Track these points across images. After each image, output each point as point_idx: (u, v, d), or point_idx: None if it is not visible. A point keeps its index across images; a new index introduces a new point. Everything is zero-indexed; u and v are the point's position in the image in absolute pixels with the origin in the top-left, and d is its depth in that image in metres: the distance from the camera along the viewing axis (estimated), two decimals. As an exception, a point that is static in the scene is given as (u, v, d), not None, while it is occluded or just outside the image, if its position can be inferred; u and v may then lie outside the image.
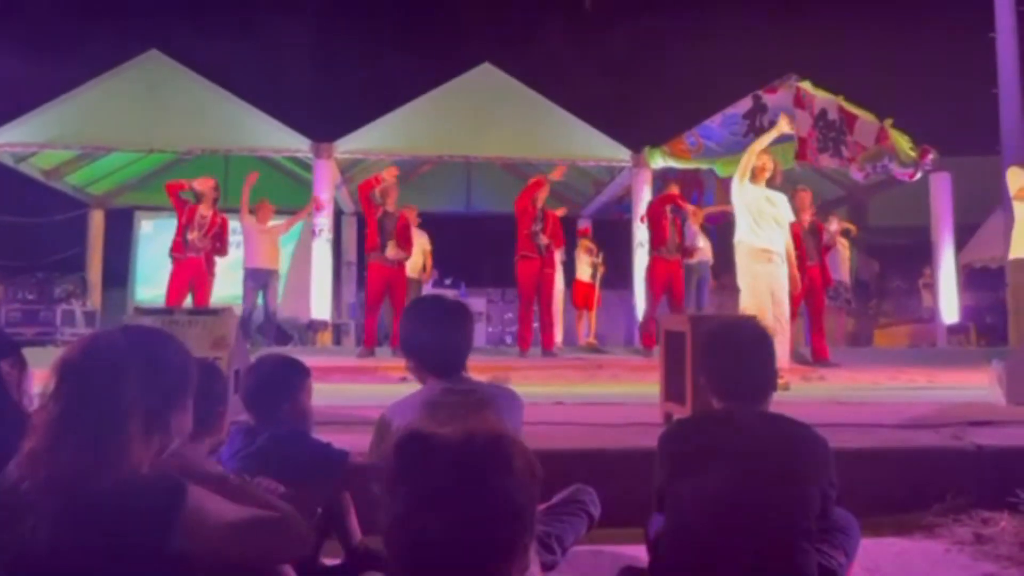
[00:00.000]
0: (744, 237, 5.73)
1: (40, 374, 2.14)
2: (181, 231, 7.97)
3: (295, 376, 2.50)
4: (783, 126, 6.07)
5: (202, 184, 8.10)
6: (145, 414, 1.42)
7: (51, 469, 1.33)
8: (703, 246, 9.56)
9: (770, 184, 5.87)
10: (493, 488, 1.13)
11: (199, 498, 1.39)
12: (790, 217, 6.00)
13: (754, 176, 5.78)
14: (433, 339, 2.24)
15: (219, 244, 8.13)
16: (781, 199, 5.90)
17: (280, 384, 2.46)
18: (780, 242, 5.76)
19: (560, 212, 8.93)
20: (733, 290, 6.16)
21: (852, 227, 10.33)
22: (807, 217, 7.48)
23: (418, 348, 2.28)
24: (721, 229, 8.70)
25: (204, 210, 8.00)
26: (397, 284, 7.81)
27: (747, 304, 5.61)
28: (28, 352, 2.29)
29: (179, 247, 7.96)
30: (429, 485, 1.13)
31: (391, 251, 7.70)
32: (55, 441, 1.35)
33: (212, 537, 1.38)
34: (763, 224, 5.67)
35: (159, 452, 1.47)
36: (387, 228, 7.77)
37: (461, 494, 1.12)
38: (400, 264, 7.85)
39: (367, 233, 7.85)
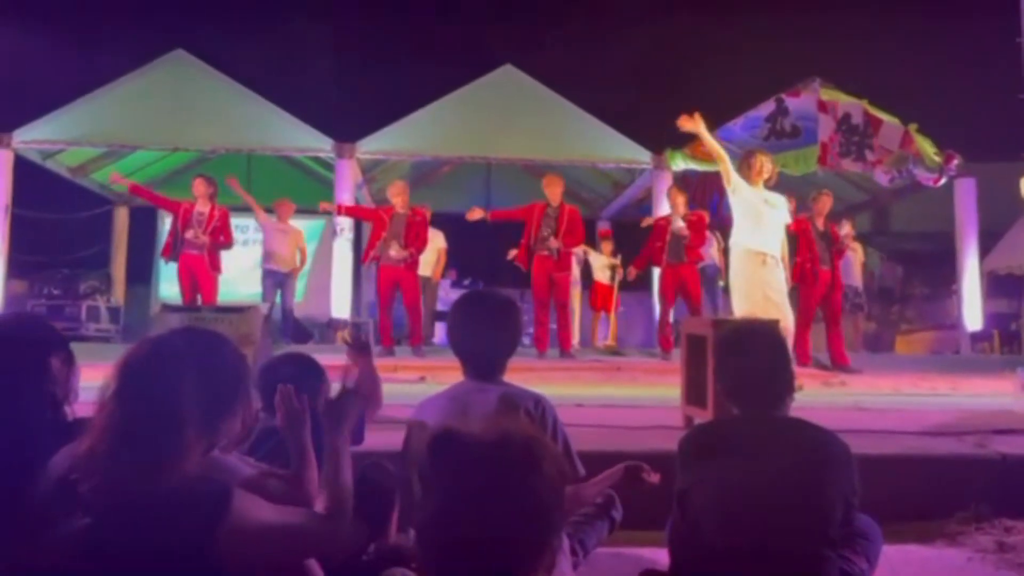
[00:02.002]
0: (740, 239, 5.69)
1: (86, 370, 2.17)
2: (173, 232, 7.97)
3: (316, 377, 2.52)
4: (688, 127, 5.84)
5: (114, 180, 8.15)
6: (202, 419, 1.45)
7: (111, 470, 1.37)
8: (710, 250, 9.49)
9: (767, 185, 5.82)
10: (522, 488, 1.15)
11: (242, 502, 1.43)
12: (787, 220, 5.95)
13: (748, 176, 5.73)
14: (467, 341, 2.23)
15: (223, 237, 8.09)
16: (780, 201, 5.84)
17: (303, 385, 2.48)
18: (776, 244, 5.71)
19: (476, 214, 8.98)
20: None
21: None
22: (822, 221, 7.44)
23: (456, 348, 2.28)
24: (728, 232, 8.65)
25: (201, 206, 7.99)
26: (406, 283, 7.77)
27: (739, 308, 5.57)
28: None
29: (167, 250, 7.98)
30: (460, 484, 1.15)
31: (394, 251, 7.69)
32: (116, 444, 1.38)
33: (251, 540, 1.41)
34: (761, 227, 5.63)
35: (204, 453, 1.50)
36: (395, 228, 7.76)
37: (491, 493, 1.14)
38: (407, 263, 7.77)
39: (375, 238, 7.84)
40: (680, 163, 10.07)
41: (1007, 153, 11.17)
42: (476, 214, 7.98)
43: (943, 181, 10.06)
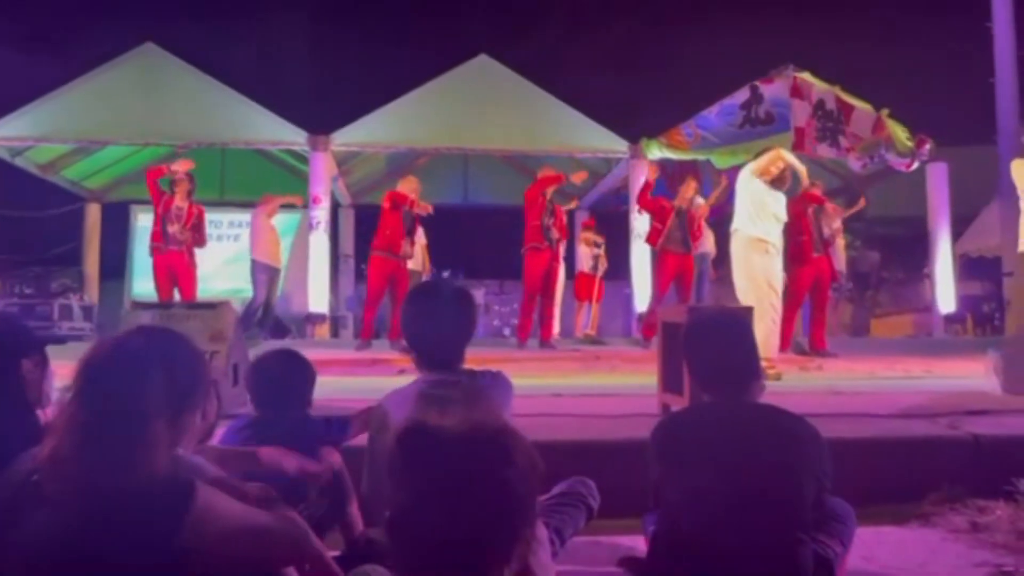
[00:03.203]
0: (741, 226, 5.79)
1: (59, 370, 2.15)
2: (159, 221, 7.90)
3: (307, 375, 2.51)
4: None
5: (181, 166, 7.98)
6: (168, 416, 1.44)
7: (77, 471, 1.35)
8: (704, 238, 9.58)
9: (775, 186, 5.93)
10: (494, 480, 1.14)
11: (208, 497, 1.41)
12: (784, 218, 6.08)
13: (762, 171, 5.85)
14: (427, 332, 2.21)
15: (198, 235, 8.09)
16: (782, 199, 5.99)
17: (294, 383, 2.47)
18: (777, 235, 5.82)
19: (572, 204, 9.37)
20: (732, 282, 6.18)
21: (858, 206, 10.25)
22: (812, 211, 7.50)
23: (414, 339, 2.26)
24: (722, 221, 8.70)
25: (179, 201, 7.92)
26: (400, 278, 7.80)
27: (743, 295, 5.65)
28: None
29: (159, 237, 7.90)
30: (431, 477, 1.14)
31: (408, 248, 7.76)
32: (81, 443, 1.37)
33: (218, 536, 1.40)
34: (763, 216, 5.74)
35: (169, 450, 1.49)
36: (406, 225, 7.77)
37: (462, 486, 1.13)
38: (405, 258, 7.86)
39: (386, 231, 7.72)
40: (656, 152, 10.09)
41: (978, 137, 11.33)
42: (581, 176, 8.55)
43: (915, 166, 10.17)
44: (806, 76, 9.97)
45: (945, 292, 10.70)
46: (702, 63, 13.83)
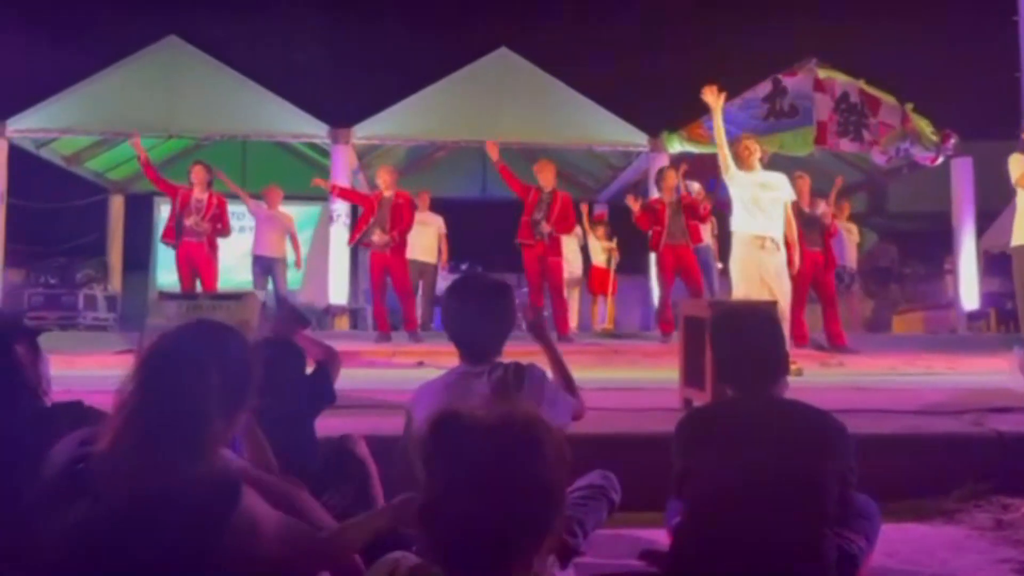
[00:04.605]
0: (738, 226, 5.74)
1: (57, 358, 2.18)
2: (174, 217, 7.90)
3: (296, 358, 2.53)
4: (709, 100, 5.81)
5: (134, 140, 8.28)
6: (225, 415, 1.47)
7: (134, 465, 1.37)
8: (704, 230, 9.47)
9: (758, 165, 5.82)
10: (525, 470, 1.15)
11: (251, 501, 1.43)
12: (791, 196, 5.96)
13: (742, 163, 5.75)
14: (465, 325, 2.22)
15: (220, 226, 8.04)
16: (779, 179, 5.85)
17: (280, 368, 2.49)
18: (776, 227, 5.73)
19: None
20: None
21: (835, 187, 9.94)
22: (806, 203, 7.41)
23: (453, 332, 2.27)
24: (723, 215, 8.65)
25: (199, 193, 7.93)
26: (395, 268, 7.72)
27: (737, 291, 5.60)
28: (51, 337, 2.32)
29: (170, 233, 7.92)
30: (463, 466, 1.16)
31: (376, 236, 7.63)
32: (142, 438, 1.39)
33: (257, 540, 1.42)
34: (756, 211, 5.66)
35: (224, 443, 1.52)
36: (380, 214, 7.68)
37: (494, 475, 1.14)
38: (393, 248, 7.68)
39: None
40: (677, 145, 10.05)
41: (1004, 132, 11.17)
42: (494, 151, 8.11)
43: (940, 160, 10.06)
44: (829, 69, 9.88)
45: (969, 288, 10.59)
46: (724, 55, 13.74)
